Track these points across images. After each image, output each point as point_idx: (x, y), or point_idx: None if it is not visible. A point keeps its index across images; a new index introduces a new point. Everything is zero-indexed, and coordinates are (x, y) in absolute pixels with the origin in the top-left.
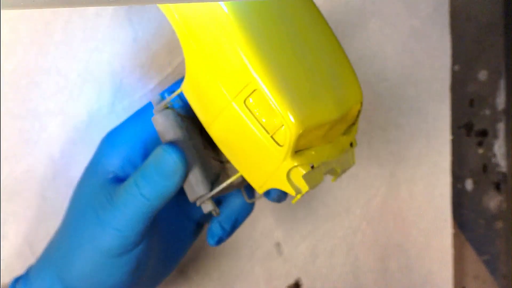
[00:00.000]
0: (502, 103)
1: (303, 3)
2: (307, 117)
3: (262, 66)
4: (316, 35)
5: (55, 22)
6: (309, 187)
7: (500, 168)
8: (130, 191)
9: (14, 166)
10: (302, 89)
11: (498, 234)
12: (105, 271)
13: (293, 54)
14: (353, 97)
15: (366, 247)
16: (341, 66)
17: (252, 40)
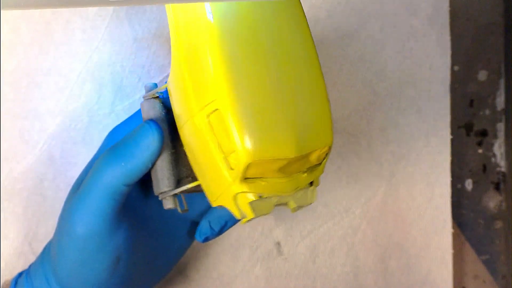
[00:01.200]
0: (502, 103)
1: (293, 22)
2: (260, 149)
3: (229, 87)
4: (300, 65)
5: (55, 22)
6: (254, 215)
7: (500, 168)
8: (99, 164)
9: (14, 166)
10: (265, 120)
11: (498, 234)
12: (87, 266)
13: (268, 80)
14: (319, 140)
15: (366, 247)
16: (317, 104)
17: (227, 57)
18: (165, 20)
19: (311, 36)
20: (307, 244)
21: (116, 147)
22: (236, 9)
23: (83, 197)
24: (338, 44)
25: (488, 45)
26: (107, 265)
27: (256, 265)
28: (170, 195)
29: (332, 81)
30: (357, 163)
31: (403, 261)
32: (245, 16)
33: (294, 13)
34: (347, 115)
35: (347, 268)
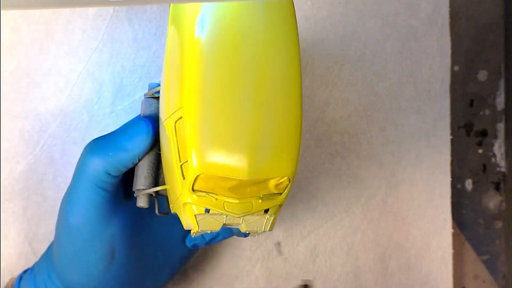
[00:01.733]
0: (501, 103)
1: (282, 40)
2: (210, 164)
3: (195, 97)
4: (279, 88)
5: (55, 22)
6: (199, 228)
7: (499, 168)
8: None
9: (14, 166)
10: (223, 136)
11: (498, 234)
12: (82, 256)
13: (239, 98)
14: (278, 169)
15: (366, 247)
16: (286, 132)
17: (201, 67)
18: (165, 20)
19: (299, 57)
20: (307, 244)
21: (106, 137)
22: (223, 22)
23: (73, 187)
24: (338, 44)
25: (488, 45)
26: (102, 255)
27: (256, 265)
28: (143, 193)
29: (332, 81)
30: (357, 163)
31: (403, 261)
32: (231, 30)
33: (286, 27)
34: (347, 115)
35: (347, 268)
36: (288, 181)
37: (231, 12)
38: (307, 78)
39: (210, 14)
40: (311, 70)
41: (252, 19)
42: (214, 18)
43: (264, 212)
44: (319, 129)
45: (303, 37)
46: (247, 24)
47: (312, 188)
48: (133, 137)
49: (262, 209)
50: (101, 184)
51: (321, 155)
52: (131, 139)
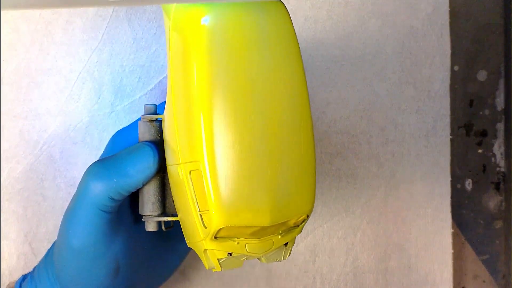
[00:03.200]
0: (501, 103)
1: (289, 77)
2: (232, 216)
3: (209, 153)
4: (291, 128)
5: (55, 22)
6: (221, 269)
7: (499, 168)
8: (88, 177)
9: (14, 166)
10: (242, 186)
11: (498, 234)
12: (87, 276)
13: (253, 145)
14: (298, 209)
15: (366, 247)
16: (302, 171)
17: (213, 121)
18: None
19: (306, 88)
20: (307, 244)
21: (110, 162)
22: (230, 69)
23: (74, 210)
24: (338, 44)
25: (488, 45)
26: (107, 274)
27: (256, 265)
28: (152, 220)
29: (332, 81)
30: (357, 163)
31: (403, 261)
32: (240, 76)
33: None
34: (347, 115)
35: (347, 268)
36: (306, 217)
37: (240, 43)
38: (307, 78)
39: (219, 46)
40: (311, 70)
41: (260, 52)
42: (223, 76)
43: (284, 245)
44: (319, 129)
45: (303, 37)
46: (257, 60)
47: None
48: (138, 163)
49: (281, 244)
50: (103, 208)
51: (321, 155)
52: (136, 165)
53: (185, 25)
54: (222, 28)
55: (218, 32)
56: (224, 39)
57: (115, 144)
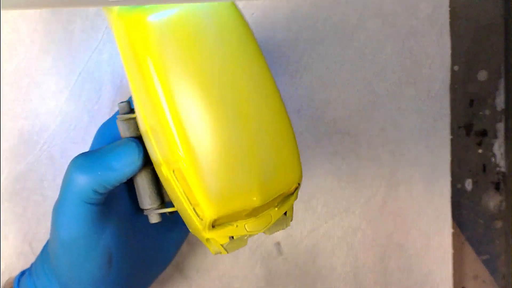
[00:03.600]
0: (501, 103)
1: (245, 55)
2: (222, 206)
3: (188, 150)
4: (259, 103)
5: (55, 22)
6: (227, 252)
7: (499, 168)
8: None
9: (14, 166)
10: (226, 175)
11: (498, 234)
12: (79, 268)
13: (227, 132)
14: (287, 182)
15: (366, 247)
16: (282, 144)
17: (181, 117)
18: None
19: (264, 60)
20: (307, 244)
21: (94, 154)
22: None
23: (61, 202)
24: (338, 44)
25: (488, 45)
26: (100, 265)
27: (256, 265)
28: (155, 213)
29: (332, 81)
30: (357, 163)
31: (403, 261)
32: (197, 65)
33: (245, 45)
34: (347, 115)
35: (347, 268)
36: (297, 185)
37: (193, 40)
38: (307, 78)
39: (172, 45)
40: (311, 70)
41: (211, 40)
42: (178, 51)
43: (284, 215)
44: (319, 129)
45: (303, 37)
46: (210, 47)
47: (312, 188)
48: (123, 157)
49: (280, 214)
50: (88, 200)
51: (321, 155)
52: (121, 159)
53: (133, 26)
54: (170, 24)
55: (166, 28)
56: (173, 33)
57: (102, 136)
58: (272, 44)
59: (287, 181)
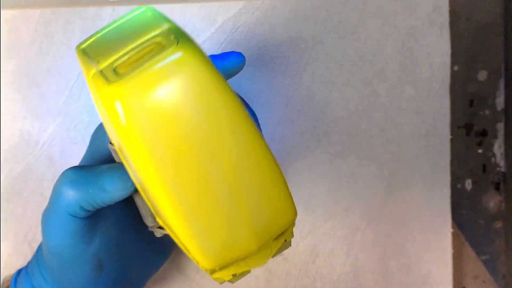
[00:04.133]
0: (501, 103)
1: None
2: (218, 259)
3: (175, 219)
4: (241, 157)
5: (55, 22)
6: (234, 282)
7: (499, 168)
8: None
9: (14, 166)
10: (217, 229)
11: (498, 234)
12: (70, 274)
13: (212, 188)
14: (281, 223)
15: (366, 247)
16: (270, 189)
17: (164, 190)
18: None
19: (240, 106)
20: (307, 244)
21: (88, 172)
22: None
23: (48, 212)
24: (338, 44)
25: (488, 45)
26: (90, 270)
27: None
28: (158, 230)
29: (332, 81)
30: (357, 163)
31: (403, 261)
32: (172, 137)
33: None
34: (347, 115)
35: (347, 268)
36: (293, 222)
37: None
38: (307, 78)
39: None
40: (311, 70)
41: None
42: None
43: (284, 242)
44: (319, 129)
45: (303, 37)
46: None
47: (311, 188)
48: (116, 181)
49: (279, 245)
50: (74, 213)
51: (321, 155)
52: (114, 183)
53: (104, 100)
54: (140, 102)
55: (137, 108)
56: (145, 111)
57: (97, 138)
58: (272, 44)
59: (282, 222)
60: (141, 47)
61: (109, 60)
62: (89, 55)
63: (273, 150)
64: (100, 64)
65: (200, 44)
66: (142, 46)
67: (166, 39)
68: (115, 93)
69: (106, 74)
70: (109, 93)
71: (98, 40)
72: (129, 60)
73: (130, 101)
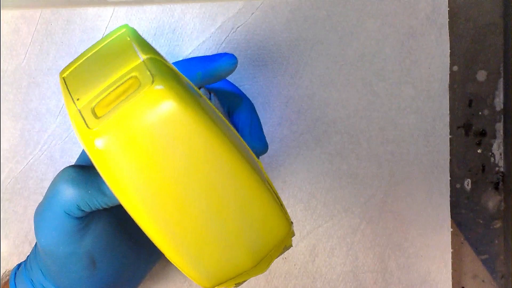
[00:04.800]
0: (501, 103)
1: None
2: (215, 279)
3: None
4: (216, 177)
5: (55, 22)
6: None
7: (499, 168)
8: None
9: (14, 166)
10: (206, 251)
11: (497, 234)
12: (63, 270)
13: (189, 211)
14: (276, 237)
15: (365, 247)
16: (258, 207)
17: (152, 223)
18: (165, 20)
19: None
20: (307, 244)
21: (90, 173)
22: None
23: (42, 210)
24: (338, 44)
25: (488, 46)
26: (83, 266)
27: None
28: None
29: (332, 81)
30: (357, 163)
31: (403, 260)
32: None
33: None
34: (347, 115)
35: (346, 268)
36: (288, 236)
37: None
38: (307, 78)
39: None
40: (311, 70)
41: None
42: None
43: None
44: (319, 129)
45: (302, 37)
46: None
47: (311, 188)
48: None
49: (279, 253)
50: (69, 212)
51: (321, 155)
52: None
53: (84, 141)
54: (117, 143)
55: (114, 148)
56: (122, 149)
57: None
58: (272, 44)
59: (276, 236)
60: (118, 83)
61: (88, 98)
62: (69, 88)
63: (273, 150)
64: (80, 102)
65: (200, 44)
66: (119, 83)
67: (142, 75)
68: (94, 135)
69: (84, 116)
70: (88, 135)
71: (78, 69)
72: (106, 98)
73: (108, 144)
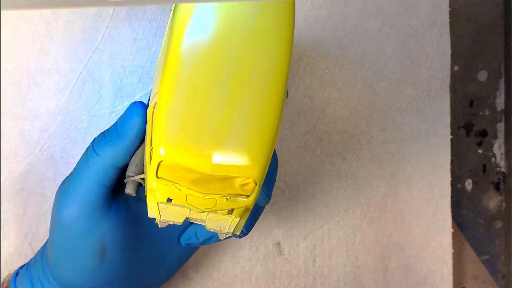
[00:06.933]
0: (501, 103)
1: (276, 40)
2: (173, 152)
3: (169, 85)
4: (261, 91)
5: (55, 22)
6: (160, 216)
7: (499, 168)
8: (89, 148)
9: (14, 166)
10: (191, 127)
11: (498, 234)
12: (72, 253)
13: (214, 91)
14: (242, 168)
15: (366, 247)
16: (259, 135)
17: (181, 59)
18: (165, 20)
19: (289, 61)
20: (307, 244)
21: (108, 129)
22: (215, 20)
23: (72, 180)
24: (338, 44)
25: (488, 45)
26: (93, 253)
27: (256, 265)
28: (131, 180)
29: (332, 81)
30: (357, 163)
31: (403, 261)
32: (220, 27)
33: (280, 30)
34: (347, 115)
35: (347, 268)
36: (254, 183)
37: (224, 10)
38: (307, 78)
39: (204, 13)
40: (311, 70)
41: (246, 20)
42: (207, 16)
43: (228, 213)
44: (319, 129)
45: (303, 37)
46: (239, 24)
47: (312, 189)
48: (127, 120)
49: (226, 209)
50: (104, 180)
51: (321, 155)
52: (126, 122)
53: (179, 14)
54: (210, 14)
55: (204, 16)
56: (207, 22)
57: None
58: None
59: (246, 169)
60: None
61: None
62: None
63: None
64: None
65: None
66: None
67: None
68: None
69: None
70: None
71: None
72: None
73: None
